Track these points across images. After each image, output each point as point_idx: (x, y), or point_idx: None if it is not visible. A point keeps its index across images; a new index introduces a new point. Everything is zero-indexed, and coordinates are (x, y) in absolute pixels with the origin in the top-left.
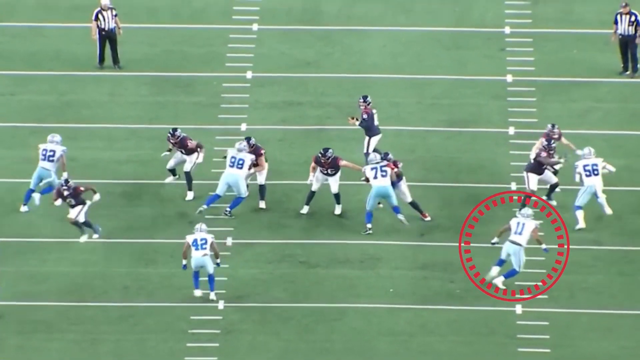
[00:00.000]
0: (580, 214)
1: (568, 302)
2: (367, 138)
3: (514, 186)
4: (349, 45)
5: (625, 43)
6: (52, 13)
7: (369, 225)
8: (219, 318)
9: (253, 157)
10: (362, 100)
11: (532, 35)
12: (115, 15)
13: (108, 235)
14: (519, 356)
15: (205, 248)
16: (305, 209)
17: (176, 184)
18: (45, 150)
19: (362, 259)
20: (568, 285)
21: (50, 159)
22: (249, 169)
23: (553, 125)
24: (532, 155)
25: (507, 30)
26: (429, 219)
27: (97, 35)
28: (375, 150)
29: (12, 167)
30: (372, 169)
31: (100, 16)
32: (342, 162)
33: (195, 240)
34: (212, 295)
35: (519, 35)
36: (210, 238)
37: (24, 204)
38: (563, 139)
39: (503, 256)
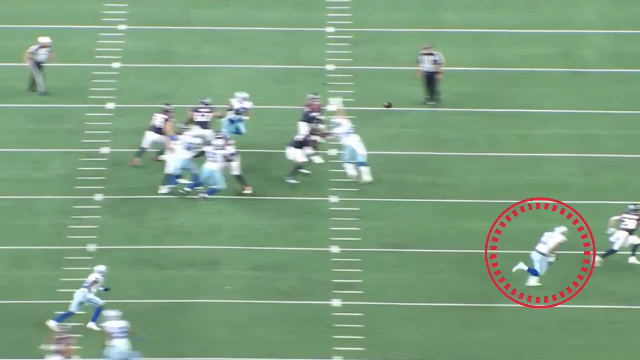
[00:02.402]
0: (364, 169)
1: (379, 296)
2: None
3: (333, 199)
4: (196, 81)
5: (428, 78)
6: None
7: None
8: (84, 313)
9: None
10: (313, 96)
11: (353, 71)
12: (50, 51)
13: None
14: (337, 343)
15: (86, 287)
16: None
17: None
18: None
19: (205, 261)
20: (379, 282)
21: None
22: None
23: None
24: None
25: (331, 67)
26: (248, 191)
27: (33, 66)
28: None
29: None
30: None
31: (38, 51)
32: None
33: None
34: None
35: (342, 72)
36: (94, 277)
37: None
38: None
39: (535, 265)
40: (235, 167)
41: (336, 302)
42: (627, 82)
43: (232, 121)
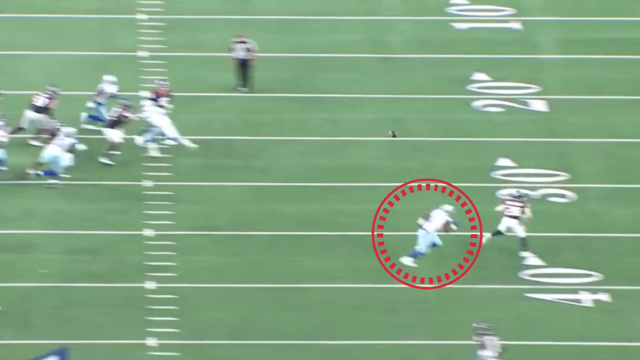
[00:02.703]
0: (184, 141)
1: (193, 278)
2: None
3: (146, 183)
4: (9, 67)
5: (241, 65)
6: None
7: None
8: None
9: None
10: (161, 82)
11: (165, 58)
12: None
13: None
14: (151, 324)
15: None
16: None
17: None
18: None
19: (20, 245)
20: (192, 265)
21: None
22: None
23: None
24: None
25: (144, 54)
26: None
27: None
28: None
29: None
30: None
31: None
32: None
33: None
34: None
35: (155, 58)
36: None
37: None
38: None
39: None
40: (69, 156)
41: (150, 285)
42: (432, 68)
43: (99, 103)
